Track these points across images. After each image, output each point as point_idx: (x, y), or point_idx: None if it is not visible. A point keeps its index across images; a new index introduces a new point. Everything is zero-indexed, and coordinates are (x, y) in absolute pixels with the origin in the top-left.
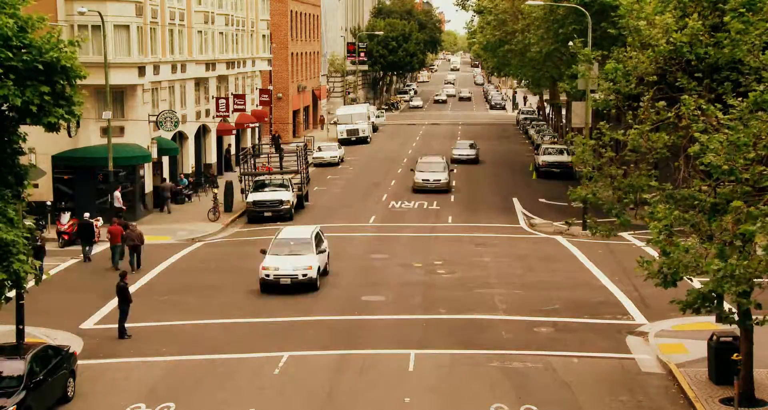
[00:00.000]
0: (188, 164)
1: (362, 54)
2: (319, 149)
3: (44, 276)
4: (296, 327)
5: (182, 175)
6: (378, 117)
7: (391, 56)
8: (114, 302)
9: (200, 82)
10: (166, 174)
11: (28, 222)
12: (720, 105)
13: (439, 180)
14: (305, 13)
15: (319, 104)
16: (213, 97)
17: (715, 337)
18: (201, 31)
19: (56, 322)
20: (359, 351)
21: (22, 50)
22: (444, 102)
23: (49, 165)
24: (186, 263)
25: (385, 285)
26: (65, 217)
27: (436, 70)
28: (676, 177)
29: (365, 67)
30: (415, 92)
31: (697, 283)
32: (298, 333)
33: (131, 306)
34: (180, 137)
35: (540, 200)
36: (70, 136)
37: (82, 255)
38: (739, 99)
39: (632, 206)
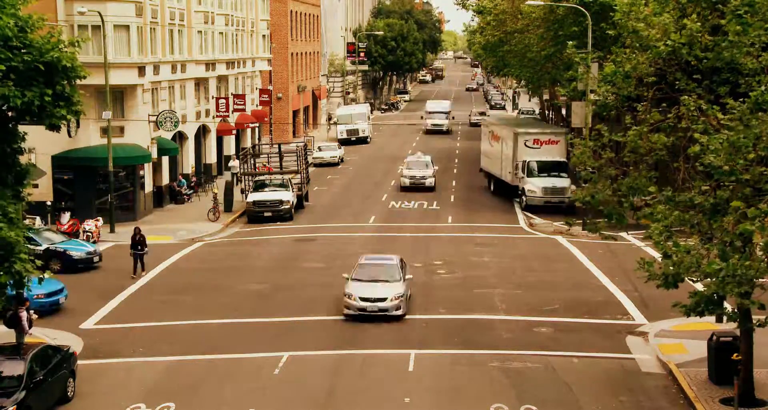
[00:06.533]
0: (188, 164)
1: (362, 54)
2: (319, 149)
3: (45, 275)
4: (296, 327)
5: (181, 176)
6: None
7: (391, 56)
8: (114, 302)
9: (200, 82)
10: (165, 174)
11: (29, 222)
12: (718, 107)
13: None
14: (305, 13)
15: (319, 104)
16: (213, 97)
17: (715, 337)
18: (201, 31)
19: (56, 322)
20: (359, 351)
21: (22, 50)
22: None
23: (49, 165)
24: (186, 263)
25: None
26: (65, 217)
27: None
28: (676, 178)
29: (365, 67)
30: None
31: (698, 286)
32: (298, 333)
33: (131, 306)
34: (180, 137)
35: None
36: (70, 136)
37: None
38: (740, 99)
39: (631, 207)
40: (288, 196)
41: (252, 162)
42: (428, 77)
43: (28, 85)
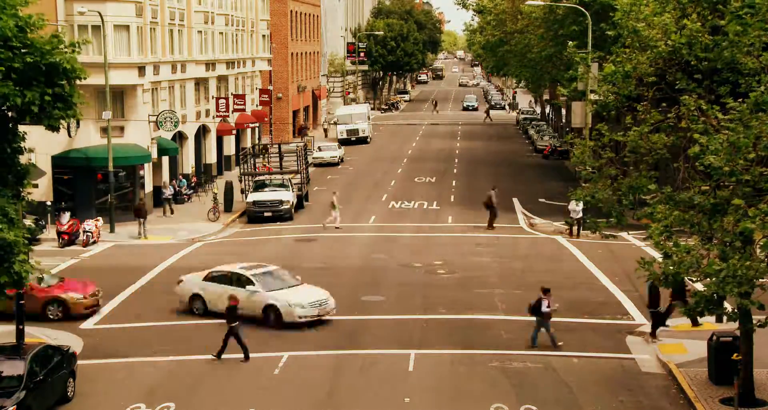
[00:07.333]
0: (188, 164)
1: (362, 54)
2: (319, 149)
3: (45, 275)
4: (296, 327)
5: (181, 176)
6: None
7: (391, 56)
8: (114, 302)
9: (200, 82)
10: (165, 174)
11: (28, 221)
12: (718, 106)
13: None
14: (305, 13)
15: (319, 104)
16: (213, 97)
17: (715, 337)
18: (201, 31)
19: (56, 322)
20: (359, 351)
21: (23, 50)
22: None
23: (49, 165)
24: (186, 263)
25: (385, 285)
26: (65, 217)
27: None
28: (676, 177)
29: (365, 67)
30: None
31: (698, 286)
32: (298, 333)
33: (132, 306)
34: (180, 137)
35: (540, 200)
36: (70, 136)
37: None
38: (739, 100)
39: (631, 207)
40: (288, 196)
41: (252, 161)
42: (423, 77)
43: (29, 85)
